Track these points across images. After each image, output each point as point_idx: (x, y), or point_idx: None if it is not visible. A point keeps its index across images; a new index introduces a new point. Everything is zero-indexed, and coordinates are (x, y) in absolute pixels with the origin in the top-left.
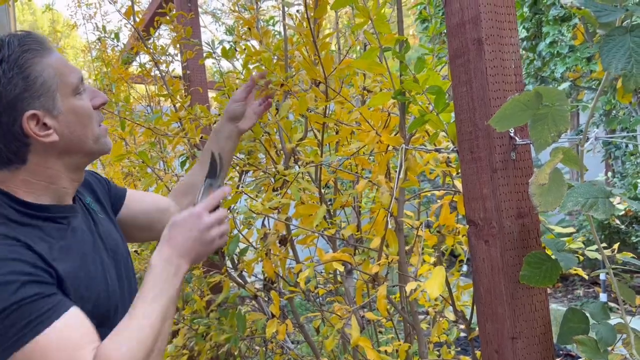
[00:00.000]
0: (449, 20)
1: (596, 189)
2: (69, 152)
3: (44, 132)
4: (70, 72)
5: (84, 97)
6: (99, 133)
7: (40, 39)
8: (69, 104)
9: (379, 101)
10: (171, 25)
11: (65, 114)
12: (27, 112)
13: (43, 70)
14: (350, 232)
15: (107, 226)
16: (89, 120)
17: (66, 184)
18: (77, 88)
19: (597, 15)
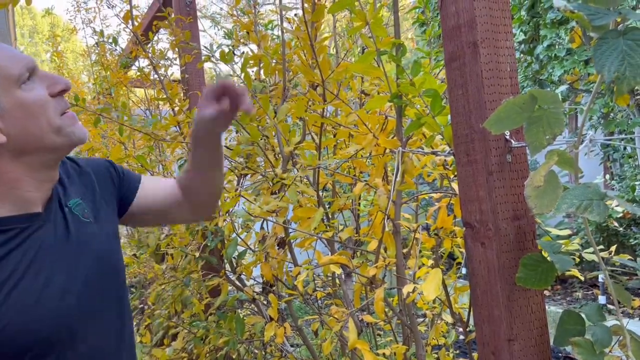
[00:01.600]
0: (445, 23)
1: (591, 191)
2: (25, 151)
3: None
4: (13, 62)
5: (35, 87)
6: (61, 123)
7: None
8: (13, 99)
9: (377, 104)
10: (170, 29)
11: (10, 110)
12: None
13: None
14: (348, 235)
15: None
16: (41, 112)
17: (31, 187)
18: (20, 79)
19: (590, 18)
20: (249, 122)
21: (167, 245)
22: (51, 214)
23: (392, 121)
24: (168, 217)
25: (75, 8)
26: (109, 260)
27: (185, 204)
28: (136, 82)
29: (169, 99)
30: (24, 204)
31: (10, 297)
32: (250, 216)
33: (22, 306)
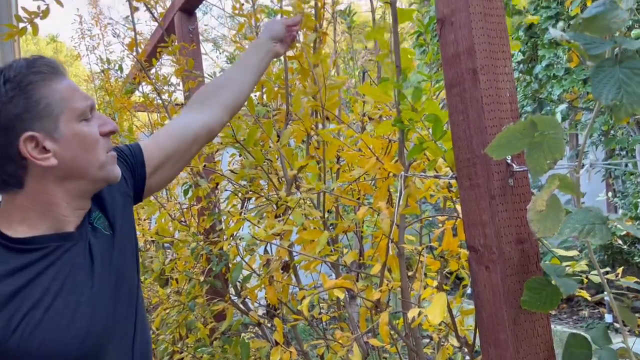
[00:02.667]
0: (444, 51)
1: (593, 214)
2: (70, 177)
3: (42, 155)
4: (79, 98)
5: (92, 124)
6: (105, 160)
7: (51, 63)
8: (72, 129)
9: (385, 130)
10: (173, 57)
11: (67, 138)
12: (25, 133)
13: (48, 93)
14: (352, 258)
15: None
16: (93, 146)
17: (66, 211)
18: (83, 114)
19: (587, 47)
20: (253, 147)
21: (172, 270)
22: (82, 234)
23: (396, 144)
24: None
25: (79, 35)
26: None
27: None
28: (140, 106)
29: None
30: (59, 225)
31: (45, 317)
32: (255, 240)
33: (56, 327)
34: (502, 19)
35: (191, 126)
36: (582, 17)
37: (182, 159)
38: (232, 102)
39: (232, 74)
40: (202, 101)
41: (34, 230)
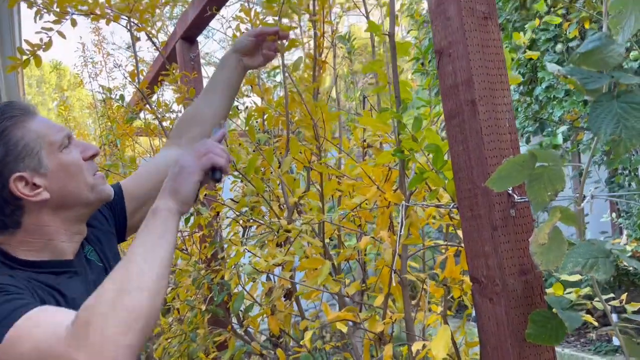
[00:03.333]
0: (443, 82)
1: (596, 248)
2: (65, 206)
3: (34, 192)
4: (55, 131)
5: (72, 151)
6: (94, 182)
7: (21, 106)
8: (56, 160)
9: (384, 159)
10: (175, 86)
11: (53, 170)
12: (13, 175)
13: (24, 134)
14: (355, 289)
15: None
16: (79, 172)
17: (64, 237)
18: (62, 144)
19: (584, 82)
20: (254, 174)
21: (173, 299)
22: (80, 264)
23: (396, 171)
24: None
25: (82, 63)
26: None
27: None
28: (142, 131)
29: None
30: (59, 253)
31: None
32: (257, 271)
33: None
34: (500, 50)
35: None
36: (578, 51)
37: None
38: (206, 130)
39: (201, 100)
40: (179, 134)
41: (38, 257)
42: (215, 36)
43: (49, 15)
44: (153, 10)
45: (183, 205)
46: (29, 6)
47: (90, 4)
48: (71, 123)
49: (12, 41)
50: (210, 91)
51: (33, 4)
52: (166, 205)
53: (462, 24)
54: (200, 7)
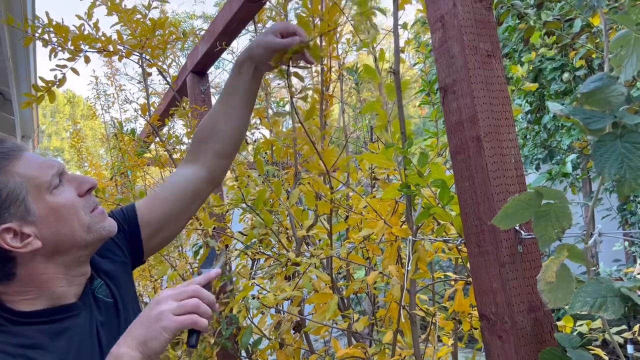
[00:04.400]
0: (448, 119)
1: (604, 287)
2: (59, 251)
3: (22, 243)
4: (42, 171)
5: (64, 189)
6: (90, 221)
7: (4, 149)
8: (45, 205)
9: (391, 194)
10: (185, 121)
11: (42, 216)
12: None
13: (7, 180)
14: (364, 325)
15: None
16: (72, 213)
17: (63, 283)
18: (51, 185)
19: (586, 122)
20: (263, 206)
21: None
22: (86, 302)
23: (403, 205)
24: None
25: (95, 95)
26: None
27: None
28: (152, 161)
29: None
30: (58, 299)
31: None
32: (265, 307)
33: None
34: (504, 87)
35: (189, 182)
36: (580, 91)
37: (184, 216)
38: (226, 145)
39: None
40: (196, 151)
41: (35, 306)
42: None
43: (63, 53)
44: (164, 47)
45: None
46: (44, 45)
47: (103, 41)
48: (84, 153)
49: (27, 77)
50: (228, 102)
51: (48, 43)
52: (129, 356)
53: (466, 62)
54: (211, 42)
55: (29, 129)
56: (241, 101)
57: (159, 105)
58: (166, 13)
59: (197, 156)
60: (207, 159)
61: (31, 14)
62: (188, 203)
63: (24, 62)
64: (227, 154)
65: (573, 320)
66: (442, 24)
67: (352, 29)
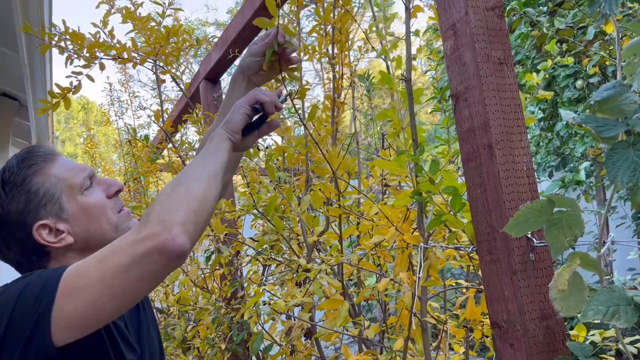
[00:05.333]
0: (460, 126)
1: (617, 295)
2: (90, 247)
3: (57, 238)
4: (75, 173)
5: (94, 191)
6: (118, 220)
7: (40, 153)
8: (77, 204)
9: (402, 201)
10: (197, 128)
11: (75, 214)
12: (36, 223)
13: (44, 180)
14: (374, 332)
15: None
16: (101, 213)
17: None
18: (82, 186)
19: (598, 130)
20: (274, 212)
21: (194, 337)
22: None
23: (414, 211)
24: None
25: (109, 102)
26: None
27: None
28: (165, 167)
29: None
30: None
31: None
32: (276, 312)
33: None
34: (516, 95)
35: None
36: (593, 99)
37: None
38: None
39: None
40: None
41: None
42: None
43: (78, 60)
44: (178, 54)
45: (232, 133)
46: (61, 52)
47: (118, 48)
48: (97, 159)
49: (43, 83)
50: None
51: (64, 50)
52: (219, 132)
53: (478, 69)
54: (224, 49)
55: (44, 135)
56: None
57: (172, 111)
58: (180, 21)
59: None
60: None
61: (48, 22)
62: None
63: (40, 68)
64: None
65: (586, 329)
66: (454, 31)
67: (364, 36)
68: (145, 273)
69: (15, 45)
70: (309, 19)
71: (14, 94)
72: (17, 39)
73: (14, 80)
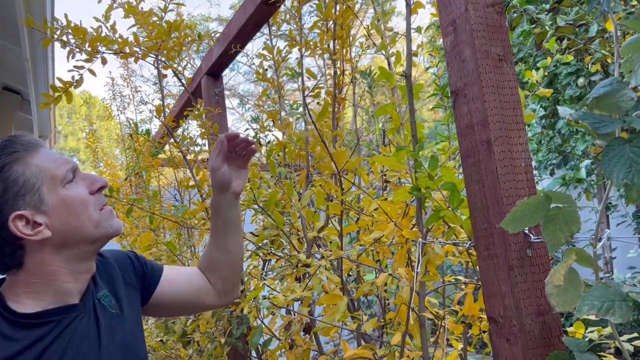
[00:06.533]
0: (459, 122)
1: (612, 291)
2: (67, 244)
3: (34, 231)
4: (58, 165)
5: (77, 185)
6: (99, 218)
7: (23, 141)
8: (58, 196)
9: (401, 197)
10: (199, 122)
11: (55, 207)
12: (12, 214)
13: (25, 169)
14: (373, 327)
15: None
16: (82, 208)
17: (68, 278)
18: (65, 179)
19: (595, 127)
20: (274, 207)
21: (194, 331)
22: (87, 305)
23: (413, 207)
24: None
25: (111, 97)
26: (134, 352)
27: (209, 288)
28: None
29: (197, 185)
30: (62, 296)
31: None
32: (275, 307)
33: None
34: (515, 92)
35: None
36: (590, 96)
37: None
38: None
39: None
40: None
41: (39, 303)
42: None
43: (80, 54)
44: (180, 49)
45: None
46: (63, 46)
47: (120, 43)
48: (99, 154)
49: (45, 78)
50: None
51: (66, 44)
52: None
53: (477, 66)
54: (225, 44)
55: (46, 129)
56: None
57: (174, 106)
58: (182, 16)
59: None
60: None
61: (50, 16)
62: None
63: (43, 62)
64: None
65: (585, 326)
66: (454, 27)
67: (365, 32)
68: None
69: (17, 39)
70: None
71: (16, 88)
72: (20, 33)
73: (16, 74)
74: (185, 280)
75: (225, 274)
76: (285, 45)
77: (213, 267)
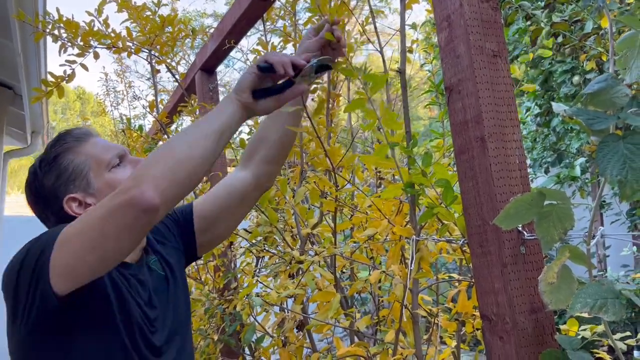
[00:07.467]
0: (453, 118)
1: (605, 289)
2: None
3: (85, 210)
4: (105, 151)
5: (124, 169)
6: None
7: (75, 133)
8: (103, 179)
9: (392, 193)
10: (192, 116)
11: (101, 189)
12: (66, 196)
13: (73, 157)
14: (366, 324)
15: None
16: None
17: None
18: (110, 163)
19: (589, 123)
20: (268, 204)
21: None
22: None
23: (407, 204)
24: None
25: (104, 92)
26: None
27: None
28: None
29: None
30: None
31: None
32: (268, 304)
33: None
34: (509, 88)
35: (236, 185)
36: (584, 92)
37: (233, 216)
38: (273, 151)
39: (266, 121)
40: (246, 158)
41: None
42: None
43: (72, 48)
44: (173, 44)
45: (238, 92)
46: (54, 40)
47: (113, 38)
48: None
49: (37, 72)
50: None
51: (58, 38)
52: (227, 95)
53: (472, 62)
54: (220, 39)
55: (39, 124)
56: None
57: (168, 102)
58: (177, 11)
59: (247, 163)
60: (254, 166)
61: (42, 10)
62: (236, 204)
63: (35, 57)
64: (275, 160)
65: (578, 324)
66: (449, 23)
67: (360, 29)
68: (119, 226)
69: (9, 34)
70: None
71: (8, 82)
72: (11, 27)
73: (8, 69)
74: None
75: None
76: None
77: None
